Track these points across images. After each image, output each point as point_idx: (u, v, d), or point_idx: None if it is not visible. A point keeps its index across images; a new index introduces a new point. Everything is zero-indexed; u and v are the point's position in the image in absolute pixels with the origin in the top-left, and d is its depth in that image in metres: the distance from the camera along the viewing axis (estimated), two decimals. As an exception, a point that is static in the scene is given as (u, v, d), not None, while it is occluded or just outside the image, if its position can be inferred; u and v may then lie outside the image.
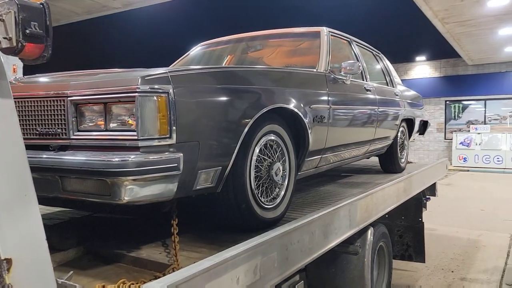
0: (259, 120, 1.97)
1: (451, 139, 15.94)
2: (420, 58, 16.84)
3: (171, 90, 1.56)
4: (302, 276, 2.54)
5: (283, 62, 3.34)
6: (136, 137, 1.50)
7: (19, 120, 1.74)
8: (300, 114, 2.27)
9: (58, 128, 1.66)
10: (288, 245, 1.86)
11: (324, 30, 3.12)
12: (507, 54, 13.83)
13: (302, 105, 2.31)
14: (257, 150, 2.02)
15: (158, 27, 13.01)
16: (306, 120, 2.32)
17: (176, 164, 1.56)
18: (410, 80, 16.60)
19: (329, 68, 2.84)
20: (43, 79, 1.87)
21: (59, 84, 1.73)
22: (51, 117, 1.67)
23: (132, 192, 1.47)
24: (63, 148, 1.65)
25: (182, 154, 1.58)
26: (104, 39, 14.61)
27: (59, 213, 2.48)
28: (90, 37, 14.31)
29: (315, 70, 2.78)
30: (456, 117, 16.75)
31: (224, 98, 1.80)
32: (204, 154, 1.70)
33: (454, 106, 16.73)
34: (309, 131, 2.36)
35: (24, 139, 1.72)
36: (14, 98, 1.75)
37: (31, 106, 1.72)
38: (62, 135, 1.65)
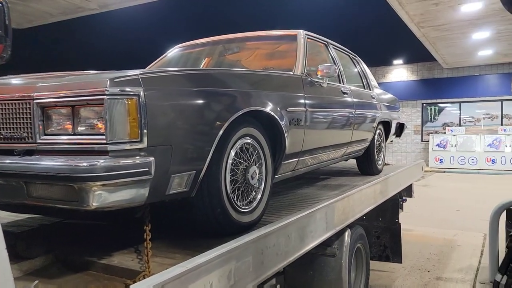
0: (235, 123, 1.95)
1: (428, 141, 16.26)
2: (398, 61, 17.15)
3: (142, 93, 1.52)
4: (280, 280, 2.53)
5: (260, 65, 3.33)
6: (105, 141, 1.46)
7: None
8: (276, 117, 2.26)
9: (24, 132, 1.60)
10: (263, 249, 1.84)
11: (301, 33, 3.12)
12: (481, 58, 14.21)
13: (278, 108, 2.30)
14: (232, 153, 1.99)
15: (135, 29, 12.86)
16: (282, 123, 2.31)
17: (147, 169, 1.52)
18: (388, 83, 16.87)
19: (305, 71, 2.84)
20: (8, 81, 1.80)
21: (25, 86, 1.67)
22: (17, 120, 1.61)
23: (101, 197, 1.43)
24: (29, 153, 1.59)
25: (153, 158, 1.54)
26: (80, 41, 14.35)
27: (28, 220, 2.40)
28: (66, 39, 14.03)
29: (291, 73, 2.78)
30: (433, 119, 17.10)
31: (197, 101, 1.77)
32: (177, 158, 1.66)
33: (431, 109, 17.08)
34: (286, 134, 2.35)
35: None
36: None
37: (-5, 109, 1.65)
38: (28, 139, 1.59)
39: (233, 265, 1.63)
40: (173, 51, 3.74)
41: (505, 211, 3.85)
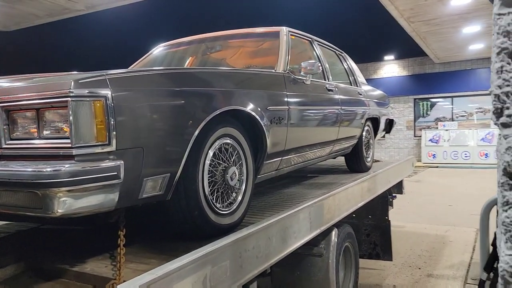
0: (211, 123, 1.90)
1: (421, 137, 16.29)
2: (389, 57, 17.15)
3: (109, 94, 1.47)
4: (264, 281, 2.49)
5: (243, 63, 3.28)
6: (70, 145, 1.40)
7: None
8: (256, 116, 2.21)
9: (-11, 137, 1.54)
10: (242, 252, 1.79)
11: (284, 30, 3.08)
12: (472, 52, 14.24)
13: (258, 107, 2.25)
14: (210, 154, 1.94)
15: (123, 29, 12.76)
16: (262, 122, 2.26)
17: (115, 173, 1.46)
18: (379, 79, 16.88)
19: (288, 68, 2.79)
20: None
21: (-12, 89, 1.60)
22: (-19, 125, 1.55)
23: (66, 204, 1.37)
24: (-5, 158, 1.53)
25: (123, 162, 1.49)
26: (68, 42, 14.22)
27: (4, 227, 2.34)
28: (54, 41, 13.90)
29: (274, 70, 2.73)
30: (425, 114, 17.12)
31: (170, 102, 1.72)
32: (149, 160, 1.61)
33: (423, 104, 17.10)
34: (267, 134, 2.30)
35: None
36: None
37: (-41, 113, 1.59)
38: (-7, 145, 1.53)
39: (209, 270, 1.58)
40: (157, 50, 3.69)
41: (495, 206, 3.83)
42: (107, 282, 1.58)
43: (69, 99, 1.39)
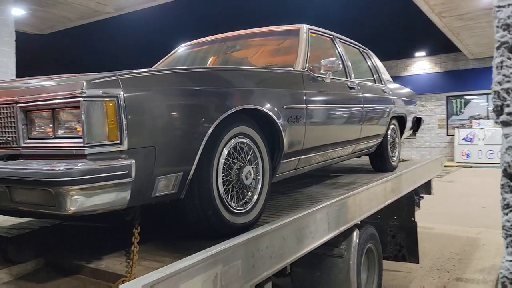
0: (225, 122, 1.89)
1: (453, 135, 15.78)
2: (420, 53, 16.69)
3: (121, 94, 1.49)
4: (286, 281, 2.47)
5: (263, 61, 3.26)
6: (82, 144, 1.43)
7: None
8: (272, 115, 2.19)
9: (9, 136, 1.60)
10: (254, 252, 1.78)
11: (304, 28, 3.04)
12: (508, 47, 13.63)
13: (274, 105, 2.23)
14: (225, 153, 1.94)
15: (149, 30, 13.01)
16: (279, 121, 2.24)
17: (127, 171, 1.48)
18: (409, 76, 16.47)
19: (307, 66, 2.75)
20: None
21: (9, 90, 1.66)
22: (2, 124, 1.61)
23: (78, 202, 1.40)
24: (14, 157, 1.59)
25: (134, 161, 1.51)
26: (97, 44, 14.64)
27: (29, 223, 2.42)
28: (83, 43, 14.33)
29: (292, 68, 2.70)
30: (458, 112, 16.57)
31: (182, 101, 1.73)
32: (161, 159, 1.62)
33: (456, 102, 16.56)
34: (283, 133, 2.28)
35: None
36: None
37: (-18, 114, 1.66)
38: (13, 144, 1.59)
39: (219, 269, 1.58)
40: (179, 50, 3.73)
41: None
42: (120, 279, 1.60)
43: (81, 99, 1.42)
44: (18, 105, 1.57)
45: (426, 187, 4.90)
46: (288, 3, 12.29)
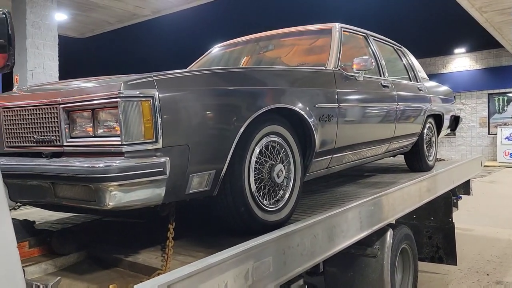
0: (257, 121, 1.93)
1: (496, 134, 15.12)
2: (459, 50, 16.09)
3: (156, 95, 1.55)
4: (319, 280, 2.46)
5: (297, 61, 3.27)
6: (120, 142, 1.50)
7: (19, 128, 1.81)
8: (303, 113, 2.21)
9: (53, 136, 1.69)
10: (285, 249, 1.80)
11: (336, 26, 3.03)
12: (555, 41, 12.95)
13: (305, 104, 2.24)
14: (256, 151, 1.97)
15: (184, 31, 13.25)
16: (310, 120, 2.25)
17: (161, 169, 1.54)
18: (448, 74, 15.92)
19: (339, 65, 2.74)
20: (39, 88, 1.92)
21: (52, 92, 1.76)
22: (46, 124, 1.71)
23: (116, 197, 1.47)
24: (57, 155, 1.68)
25: (168, 158, 1.56)
26: (135, 46, 15.07)
27: (72, 218, 2.55)
28: (122, 45, 14.78)
29: (324, 67, 2.70)
30: (501, 110, 15.86)
31: (215, 101, 1.78)
32: (195, 157, 1.68)
33: (498, 99, 15.85)
34: (315, 131, 2.29)
35: (22, 147, 1.79)
36: (14, 108, 1.82)
37: (29, 114, 1.77)
38: (56, 142, 1.68)
39: (251, 265, 1.61)
40: (213, 51, 3.80)
41: None
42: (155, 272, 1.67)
43: (119, 99, 1.49)
44: (61, 106, 1.66)
45: (465, 188, 4.75)
46: (323, 2, 12.20)
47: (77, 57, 13.25)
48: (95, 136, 1.60)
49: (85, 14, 8.72)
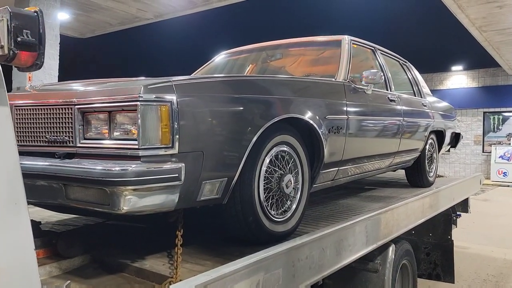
0: (269, 130, 1.92)
1: (490, 152, 15.25)
2: (457, 67, 16.26)
3: (174, 99, 1.54)
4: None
5: (304, 71, 3.28)
6: (137, 146, 1.48)
7: (31, 127, 1.78)
8: (313, 124, 2.20)
9: (66, 136, 1.67)
10: (295, 261, 1.78)
11: (346, 39, 3.04)
12: (551, 64, 13.14)
13: (316, 115, 2.24)
14: (266, 161, 1.96)
15: (186, 37, 13.26)
16: (320, 131, 2.25)
17: (177, 175, 1.53)
18: (445, 91, 16.05)
19: (349, 77, 2.75)
20: (53, 87, 1.90)
21: (67, 92, 1.74)
22: (60, 124, 1.69)
23: (131, 202, 1.45)
24: (70, 156, 1.66)
25: (184, 164, 1.55)
26: (136, 49, 15.04)
27: (73, 220, 2.51)
28: (122, 47, 14.75)
29: (334, 79, 2.71)
30: (496, 129, 16.01)
31: (230, 108, 1.77)
32: (208, 164, 1.66)
33: (494, 118, 16.01)
34: (324, 143, 2.28)
35: (33, 146, 1.76)
36: (26, 106, 1.80)
37: (41, 113, 1.74)
38: (69, 143, 1.66)
39: (262, 276, 1.59)
40: (218, 58, 3.79)
41: None
42: (164, 279, 1.64)
43: (138, 103, 1.47)
44: (76, 106, 1.64)
45: (463, 205, 4.76)
46: (327, 14, 12.30)
47: (76, 57, 13.20)
48: (110, 139, 1.58)
49: (87, 15, 8.70)
